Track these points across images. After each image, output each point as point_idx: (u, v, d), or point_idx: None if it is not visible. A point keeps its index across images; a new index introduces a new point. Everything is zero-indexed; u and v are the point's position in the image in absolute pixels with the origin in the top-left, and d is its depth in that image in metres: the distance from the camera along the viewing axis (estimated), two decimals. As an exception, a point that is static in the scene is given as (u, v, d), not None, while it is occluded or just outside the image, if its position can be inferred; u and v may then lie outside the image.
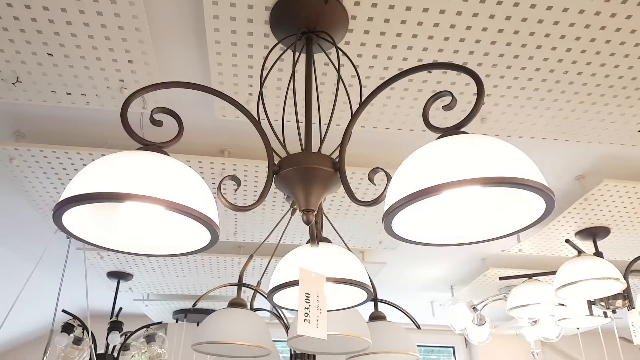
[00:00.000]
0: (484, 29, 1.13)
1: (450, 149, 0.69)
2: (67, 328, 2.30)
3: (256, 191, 1.79)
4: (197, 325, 3.44)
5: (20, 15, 1.10)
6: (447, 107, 0.80)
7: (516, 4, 1.07)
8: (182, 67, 1.33)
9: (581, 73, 1.27)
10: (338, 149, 0.93)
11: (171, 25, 1.20)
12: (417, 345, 3.44)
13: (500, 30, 1.13)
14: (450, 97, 0.79)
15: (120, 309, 2.54)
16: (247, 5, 1.07)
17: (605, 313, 2.07)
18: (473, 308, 2.73)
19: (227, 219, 2.01)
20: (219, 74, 1.26)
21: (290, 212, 1.78)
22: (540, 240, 2.16)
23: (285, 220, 2.03)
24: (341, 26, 1.09)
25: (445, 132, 0.76)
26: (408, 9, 1.07)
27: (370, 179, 0.83)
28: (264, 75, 1.04)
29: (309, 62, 1.05)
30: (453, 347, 4.02)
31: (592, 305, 1.97)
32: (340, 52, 1.18)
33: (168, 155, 0.81)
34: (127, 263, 2.44)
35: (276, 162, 0.91)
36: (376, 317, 1.47)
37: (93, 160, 1.60)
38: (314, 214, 0.89)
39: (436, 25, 1.12)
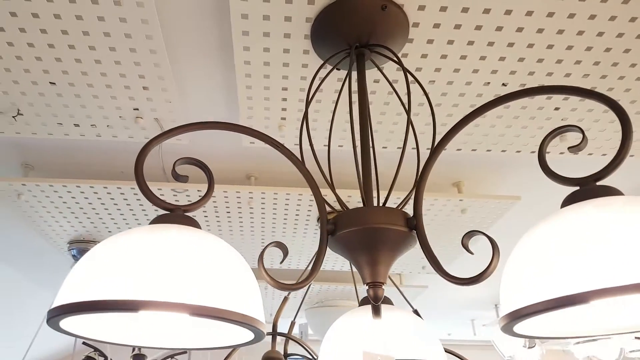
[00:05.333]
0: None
1: (602, 230, 0.48)
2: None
3: (286, 220, 1.59)
4: None
5: (14, 41, 0.92)
6: (575, 149, 0.58)
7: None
8: (204, 91, 1.13)
9: None
10: (410, 196, 0.72)
11: (190, 44, 1.00)
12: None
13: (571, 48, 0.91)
14: (581, 136, 0.57)
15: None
16: (283, 18, 0.86)
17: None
18: (527, 331, 2.48)
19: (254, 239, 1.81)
20: (248, 98, 1.06)
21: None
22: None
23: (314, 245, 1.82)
24: (400, 37, 0.88)
25: (581, 186, 0.55)
26: (486, 11, 0.85)
27: (465, 246, 0.62)
28: (309, 100, 0.85)
29: (362, 83, 0.84)
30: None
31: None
32: (402, 69, 0.97)
33: (196, 224, 0.61)
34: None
35: (329, 218, 0.71)
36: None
37: (109, 194, 1.43)
38: (383, 287, 0.68)
39: (520, 30, 0.89)
